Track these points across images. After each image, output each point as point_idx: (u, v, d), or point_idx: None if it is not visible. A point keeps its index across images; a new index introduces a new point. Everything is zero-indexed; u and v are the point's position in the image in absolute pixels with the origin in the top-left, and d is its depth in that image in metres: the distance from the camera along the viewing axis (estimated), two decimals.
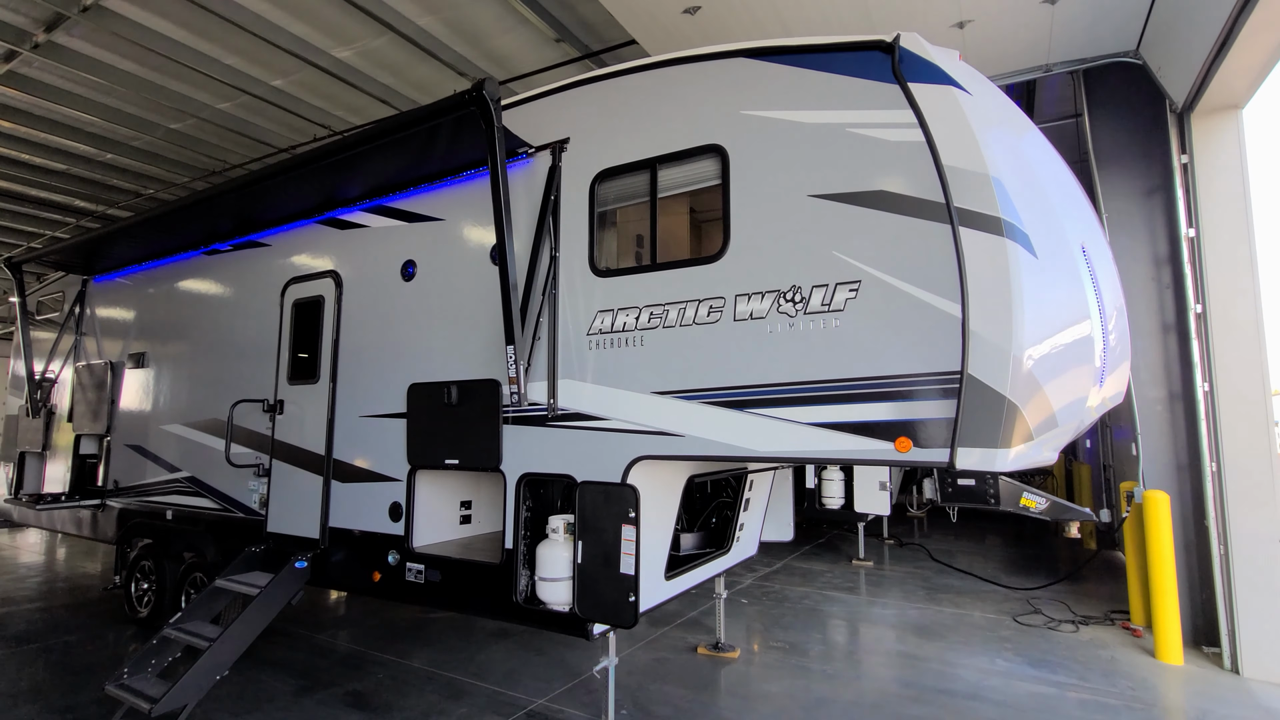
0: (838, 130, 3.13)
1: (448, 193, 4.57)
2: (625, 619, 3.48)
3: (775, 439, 3.13)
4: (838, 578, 8.78)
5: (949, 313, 2.80)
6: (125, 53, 8.05)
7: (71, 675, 5.14)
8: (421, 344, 4.50)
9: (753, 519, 5.64)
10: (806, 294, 3.13)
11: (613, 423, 3.61)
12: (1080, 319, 2.94)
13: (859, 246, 3.03)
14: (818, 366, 3.06)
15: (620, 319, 3.66)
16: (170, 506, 6.08)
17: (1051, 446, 3.01)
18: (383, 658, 5.63)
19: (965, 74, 2.99)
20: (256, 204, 5.32)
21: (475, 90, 3.58)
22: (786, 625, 6.66)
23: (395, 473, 4.50)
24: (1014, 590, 8.01)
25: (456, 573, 4.15)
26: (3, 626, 6.40)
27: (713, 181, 3.51)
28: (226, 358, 5.85)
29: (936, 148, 2.87)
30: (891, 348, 2.92)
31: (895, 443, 2.86)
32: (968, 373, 2.72)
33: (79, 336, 7.57)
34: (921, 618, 6.93)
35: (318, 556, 4.78)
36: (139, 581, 6.39)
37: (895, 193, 2.96)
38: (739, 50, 3.48)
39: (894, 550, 10.71)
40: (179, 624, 4.53)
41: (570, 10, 7.41)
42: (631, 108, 3.83)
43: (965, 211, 2.79)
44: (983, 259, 2.74)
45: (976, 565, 9.45)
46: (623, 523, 3.51)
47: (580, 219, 3.88)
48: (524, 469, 3.91)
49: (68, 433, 7.28)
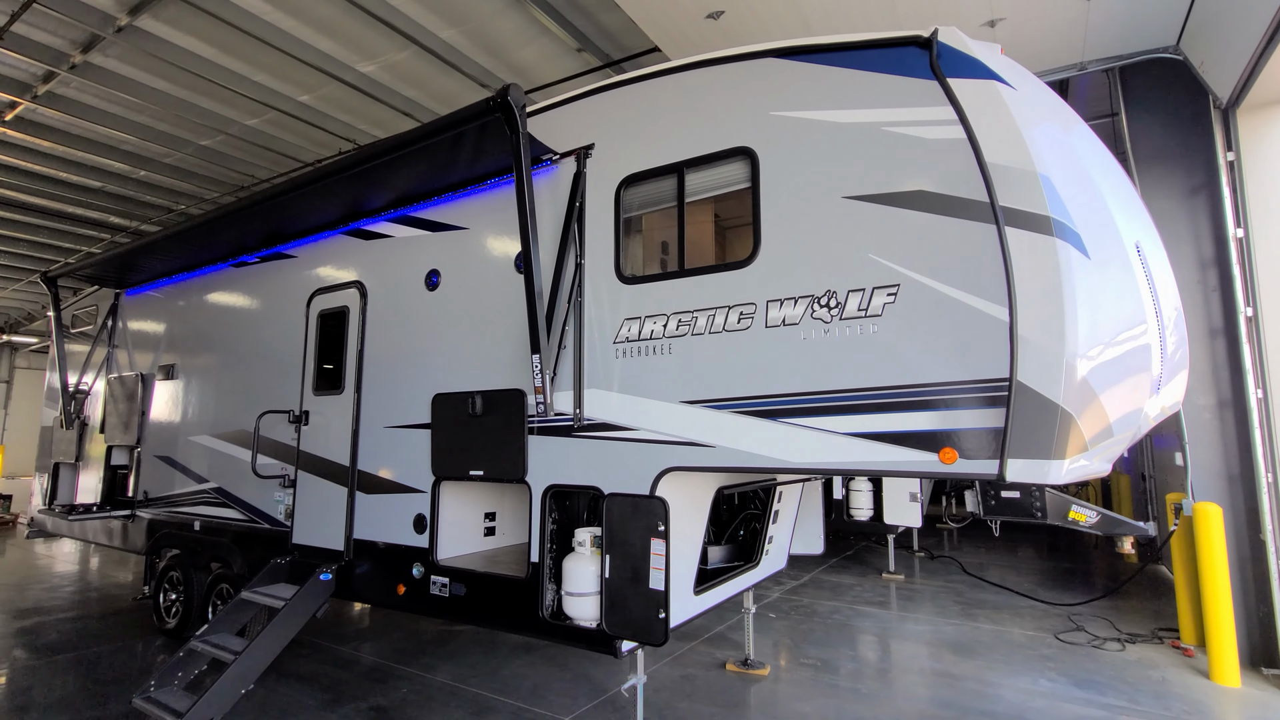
0: (873, 129, 3.02)
1: (471, 201, 4.54)
2: (655, 636, 3.36)
3: (811, 449, 3.01)
4: (868, 591, 8.55)
5: (995, 317, 2.67)
6: (158, 71, 8.24)
7: (101, 686, 5.16)
8: (446, 354, 4.46)
9: (782, 531, 5.49)
10: (842, 299, 3.01)
11: (640, 433, 3.52)
12: (1137, 322, 2.79)
13: (897, 249, 2.91)
14: (855, 374, 2.94)
15: (648, 327, 3.57)
16: (198, 517, 6.11)
17: (1106, 458, 2.85)
18: (407, 671, 5.57)
19: (1008, 68, 2.86)
20: (283, 216, 5.35)
21: (500, 96, 3.55)
22: (817, 641, 6.48)
23: (419, 484, 4.45)
24: (1053, 606, 7.71)
25: (481, 586, 4.08)
26: (36, 636, 6.48)
27: (742, 185, 3.42)
28: (253, 369, 5.89)
29: (979, 144, 2.74)
30: (933, 354, 2.79)
31: (940, 454, 2.72)
32: (1017, 380, 2.58)
33: (111, 349, 7.70)
34: (957, 634, 6.69)
35: (342, 569, 4.75)
36: (167, 592, 6.43)
37: (935, 192, 2.84)
38: (767, 51, 3.39)
39: (925, 563, 10.42)
40: (205, 636, 4.52)
41: (591, 19, 7.41)
42: (657, 112, 3.76)
43: (1011, 210, 2.66)
44: (1031, 260, 2.61)
45: (1011, 579, 9.14)
46: (652, 536, 3.41)
47: (606, 225, 3.81)
48: (550, 480, 3.83)
49: (100, 444, 7.39)
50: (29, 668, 5.62)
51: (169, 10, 7.08)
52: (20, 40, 7.43)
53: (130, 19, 7.12)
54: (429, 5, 7.12)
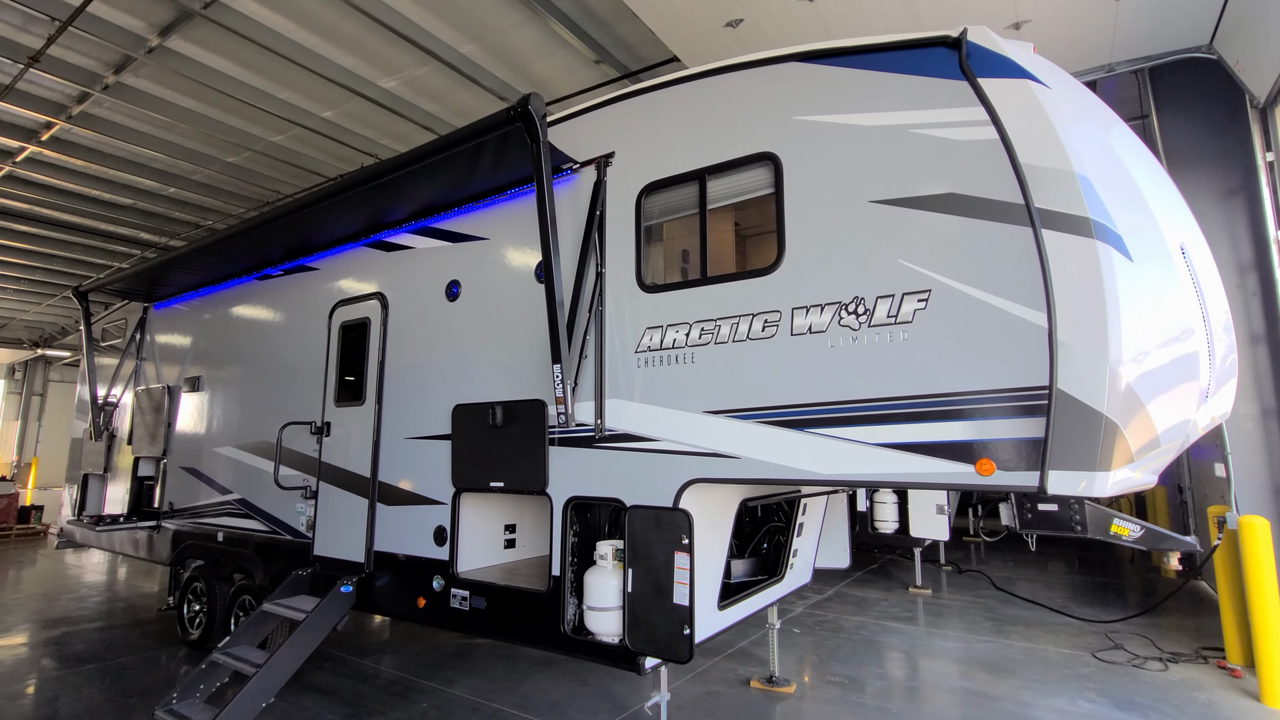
0: (900, 132, 2.95)
1: (492, 212, 4.54)
2: (679, 653, 3.28)
3: (839, 460, 2.92)
4: (894, 606, 8.34)
5: (1032, 322, 2.57)
6: (186, 90, 8.44)
7: (124, 697, 5.18)
8: (466, 364, 4.44)
9: (806, 544, 5.37)
10: (870, 305, 2.93)
11: (663, 444, 3.46)
12: (1184, 328, 2.67)
13: (928, 253, 2.82)
14: (885, 382, 2.85)
15: (670, 335, 3.52)
16: (221, 528, 6.15)
17: (1153, 469, 2.72)
18: (427, 685, 5.51)
19: (1042, 67, 2.78)
20: (306, 229, 5.40)
21: (521, 105, 3.54)
22: (843, 658, 6.31)
23: (440, 495, 4.42)
24: (1089, 623, 7.44)
25: (502, 600, 4.02)
26: (62, 646, 6.55)
27: (765, 191, 3.36)
28: (276, 380, 5.93)
29: (1012, 145, 2.66)
30: (967, 361, 2.69)
31: (976, 465, 2.62)
32: (1057, 388, 2.48)
33: (139, 362, 7.83)
34: (989, 652, 6.47)
35: (363, 581, 4.72)
36: (191, 603, 6.47)
37: (967, 195, 2.76)
38: (790, 55, 3.35)
39: (953, 577, 10.15)
40: (227, 649, 4.52)
41: (609, 31, 7.44)
42: (678, 119, 3.73)
43: (1048, 212, 2.57)
44: (1070, 263, 2.51)
45: (1042, 594, 8.86)
46: (675, 549, 3.33)
47: (627, 234, 3.78)
48: (571, 492, 3.78)
49: (128, 455, 7.49)
50: (56, 678, 5.67)
51: (198, 31, 7.26)
52: (56, 63, 7.66)
53: (161, 40, 7.31)
54: (449, 20, 7.22)
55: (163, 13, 6.98)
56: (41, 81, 8.08)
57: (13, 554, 12.19)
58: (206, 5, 6.74)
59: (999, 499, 3.53)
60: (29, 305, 18.84)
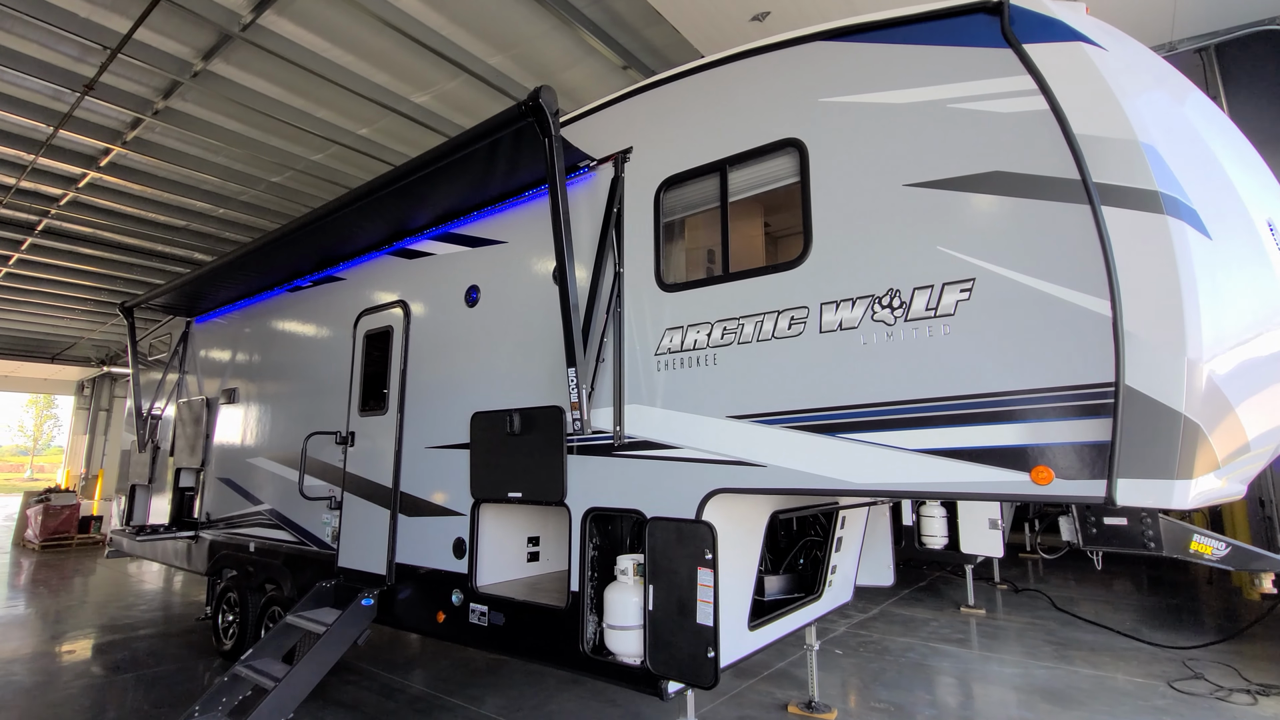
0: (936, 108, 2.71)
1: (510, 215, 4.44)
2: (704, 678, 3.04)
3: (876, 469, 2.66)
4: (944, 627, 7.84)
5: (1093, 311, 2.28)
6: (230, 113, 8.72)
7: (157, 708, 5.21)
8: (485, 370, 4.33)
9: (846, 560, 5.04)
10: (907, 298, 2.67)
11: (684, 451, 3.25)
12: (1278, 315, 2.32)
13: (970, 238, 2.56)
14: (925, 382, 2.59)
15: (691, 336, 3.32)
16: (253, 539, 6.19)
17: (1241, 478, 2.38)
18: (452, 702, 5.38)
19: (1097, 29, 2.50)
20: (331, 237, 5.42)
21: (532, 100, 3.43)
22: (889, 682, 5.91)
23: (459, 506, 4.30)
24: (1163, 649, 6.82)
25: (521, 616, 3.85)
26: (105, 654, 6.69)
27: (790, 180, 3.14)
28: (306, 391, 5.96)
29: (1064, 115, 2.39)
30: (1018, 356, 2.41)
31: (1031, 473, 2.33)
32: (1125, 384, 2.18)
33: (182, 375, 8.06)
34: (1052, 679, 5.97)
35: (384, 594, 4.63)
36: (225, 613, 6.53)
37: (1013, 172, 2.49)
38: (813, 34, 3.14)
39: (1008, 596, 9.54)
40: (249, 661, 4.48)
41: (636, 36, 7.35)
42: (696, 109, 3.55)
43: (1109, 187, 2.28)
44: (1137, 243, 2.22)
45: (1108, 616, 8.20)
46: (698, 565, 3.10)
47: (645, 231, 3.61)
48: (590, 503, 3.59)
49: (171, 467, 7.68)
50: (97, 686, 5.76)
51: (238, 54, 7.48)
52: (110, 90, 8.02)
53: (204, 64, 7.56)
54: (478, 33, 7.25)
55: (205, 37, 7.21)
56: (97, 109, 8.47)
57: (73, 563, 12.71)
58: (245, 27, 6.93)
59: (1059, 512, 3.20)
60: (95, 325, 19.88)
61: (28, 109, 8.43)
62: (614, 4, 6.83)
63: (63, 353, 23.84)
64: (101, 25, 6.93)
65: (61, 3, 6.65)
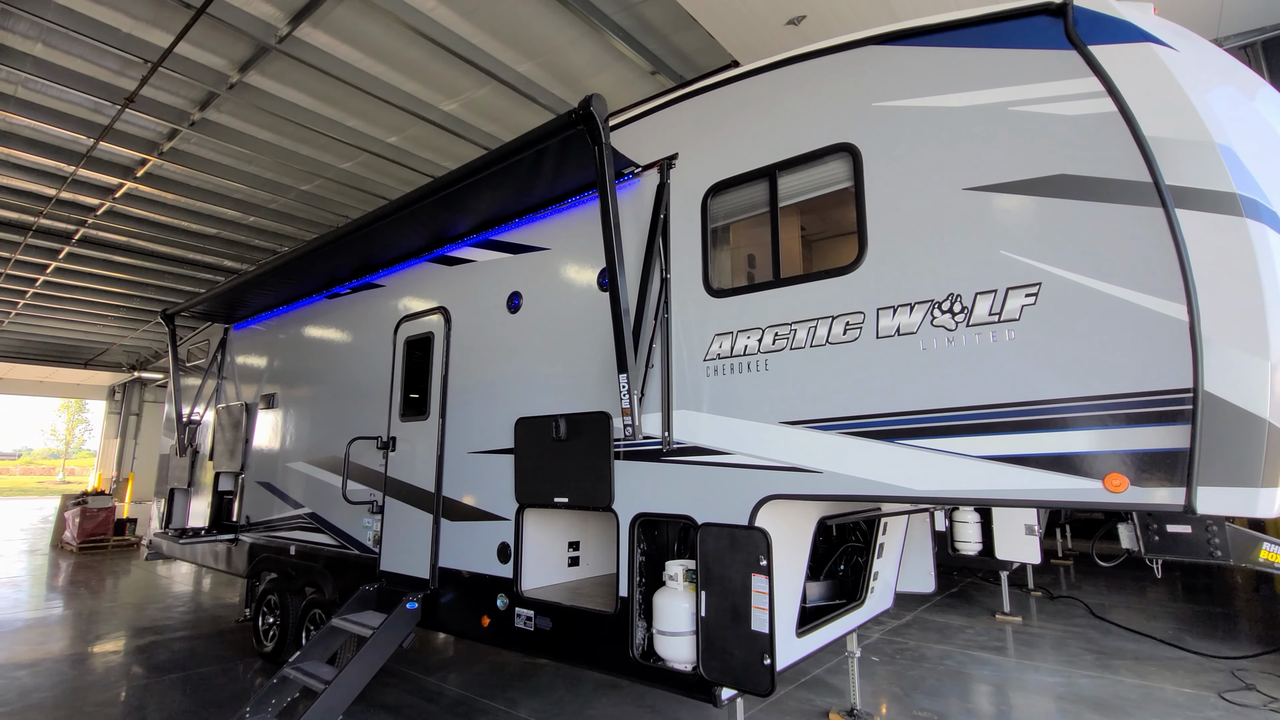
0: (998, 111, 2.68)
1: (552, 222, 4.47)
2: (760, 684, 3.03)
3: (938, 476, 2.64)
4: (980, 635, 7.72)
5: (1168, 315, 2.24)
6: (264, 123, 8.89)
7: (202, 708, 5.30)
8: (528, 376, 4.36)
9: (888, 567, 5.00)
10: (969, 303, 2.65)
11: (736, 457, 3.24)
12: None
13: (1035, 243, 2.53)
14: (988, 387, 2.56)
15: (741, 342, 3.31)
16: (293, 542, 6.28)
17: None
18: (491, 706, 5.41)
19: (1166, 29, 2.47)
20: (373, 246, 5.50)
21: (583, 108, 3.45)
22: (928, 690, 5.84)
23: (503, 511, 4.33)
24: (1210, 658, 6.66)
25: (568, 621, 3.86)
26: (148, 655, 6.82)
27: (843, 184, 3.13)
28: (345, 396, 6.04)
29: (1134, 117, 2.35)
30: (1088, 361, 2.38)
31: (1104, 481, 2.29)
32: (1204, 390, 2.14)
33: (220, 380, 8.20)
34: (1096, 689, 5.86)
35: (428, 598, 4.67)
36: (265, 615, 6.62)
37: (1080, 175, 2.46)
38: (866, 39, 3.13)
39: (1043, 604, 9.38)
40: (297, 663, 4.54)
41: (664, 41, 7.37)
42: (745, 116, 3.55)
43: (1183, 190, 2.25)
44: (1213, 246, 2.18)
45: (1147, 624, 8.03)
46: (752, 571, 3.10)
47: (692, 237, 3.61)
48: (638, 509, 3.60)
49: (210, 470, 7.81)
50: (143, 686, 5.87)
51: (274, 65, 7.62)
52: (149, 103, 8.21)
53: (240, 76, 7.71)
54: (507, 41, 7.32)
55: (243, 50, 7.36)
56: (137, 121, 8.68)
57: (109, 564, 12.97)
58: (281, 40, 7.05)
59: (1121, 519, 3.14)
60: (127, 331, 20.33)
61: (70, 122, 8.65)
62: (644, 10, 6.85)
63: (95, 358, 24.41)
64: (143, 40, 7.10)
65: (105, 18, 6.83)
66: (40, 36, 7.06)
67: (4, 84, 7.91)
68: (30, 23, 6.82)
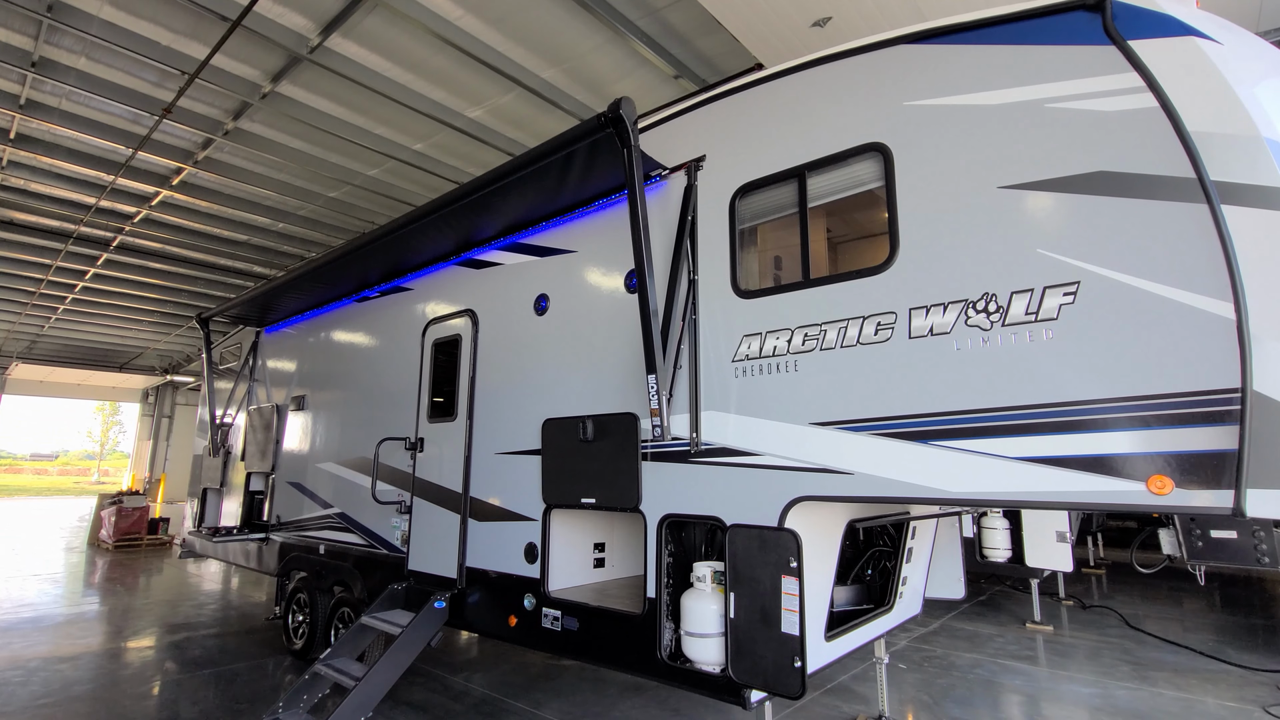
0: (1034, 108, 2.65)
1: (579, 224, 4.51)
2: (790, 687, 3.00)
3: (972, 477, 2.60)
4: (1011, 644, 7.57)
5: (1213, 313, 2.19)
6: (294, 132, 9.10)
7: (235, 703, 5.40)
8: (555, 378, 4.39)
9: (916, 572, 4.94)
10: (1004, 302, 2.62)
11: (765, 458, 3.23)
12: None
13: (1073, 241, 2.49)
14: (1026, 388, 2.52)
15: (770, 343, 3.31)
16: (323, 541, 6.38)
17: None
18: (516, 706, 5.43)
19: (1209, 22, 2.42)
20: (402, 250, 5.59)
21: (612, 111, 3.48)
22: (959, 699, 5.73)
23: (530, 512, 4.36)
24: (1253, 671, 6.45)
25: (595, 621, 3.88)
26: (182, 651, 6.97)
27: (874, 184, 3.12)
28: (374, 398, 6.14)
29: (1176, 112, 2.31)
30: (1128, 361, 2.33)
31: (1148, 483, 2.24)
32: (1253, 390, 2.09)
33: (252, 383, 8.38)
34: (1134, 701, 5.70)
35: (455, 597, 4.72)
36: (294, 613, 6.73)
37: (1120, 172, 2.42)
38: (897, 38, 3.12)
39: (1074, 613, 9.16)
40: (328, 660, 4.61)
41: (688, 45, 7.40)
42: (774, 117, 3.55)
43: (1229, 185, 2.20)
44: (1262, 243, 2.13)
45: (1185, 635, 7.79)
46: (782, 573, 3.08)
47: (720, 238, 3.62)
48: (666, 510, 3.60)
49: (241, 471, 7.98)
50: (176, 681, 6.00)
51: (305, 75, 7.80)
52: (185, 113, 8.45)
53: (273, 86, 7.91)
54: (534, 49, 7.41)
55: (275, 60, 7.55)
56: (173, 131, 8.94)
57: (143, 563, 13.29)
58: (312, 50, 7.22)
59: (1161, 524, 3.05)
60: (160, 335, 20.87)
61: (110, 132, 8.94)
62: (668, 15, 6.89)
63: (130, 362, 25.08)
64: (181, 52, 7.32)
65: (145, 31, 7.05)
66: (84, 51, 7.32)
67: (50, 96, 8.21)
68: (75, 37, 7.07)
